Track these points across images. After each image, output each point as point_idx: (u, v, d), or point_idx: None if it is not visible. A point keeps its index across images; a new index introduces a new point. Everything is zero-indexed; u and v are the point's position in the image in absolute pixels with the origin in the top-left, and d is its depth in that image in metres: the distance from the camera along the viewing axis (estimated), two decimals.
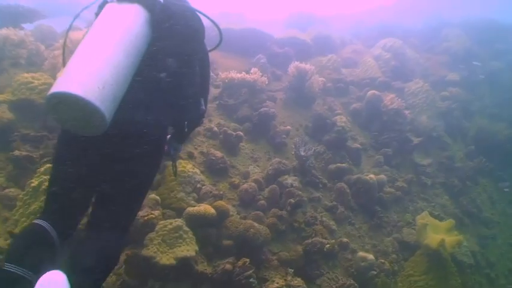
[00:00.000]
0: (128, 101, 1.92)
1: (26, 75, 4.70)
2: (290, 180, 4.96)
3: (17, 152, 4.09)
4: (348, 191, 5.39)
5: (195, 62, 2.35)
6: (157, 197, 4.12)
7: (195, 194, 4.42)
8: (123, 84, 1.89)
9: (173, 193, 4.28)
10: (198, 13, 2.42)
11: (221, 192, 4.59)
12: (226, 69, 6.73)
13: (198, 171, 4.65)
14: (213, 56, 7.33)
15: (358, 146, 6.18)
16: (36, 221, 1.96)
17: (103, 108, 1.72)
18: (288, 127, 5.89)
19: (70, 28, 2.40)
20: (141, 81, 2.02)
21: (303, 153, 5.21)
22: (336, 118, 6.19)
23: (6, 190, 3.90)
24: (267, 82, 6.29)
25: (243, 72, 6.08)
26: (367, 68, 7.93)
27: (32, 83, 4.62)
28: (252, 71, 6.23)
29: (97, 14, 2.14)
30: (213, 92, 6.35)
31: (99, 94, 1.72)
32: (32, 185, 3.65)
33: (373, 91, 6.83)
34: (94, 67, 1.78)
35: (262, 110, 5.69)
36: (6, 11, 6.22)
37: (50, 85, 1.85)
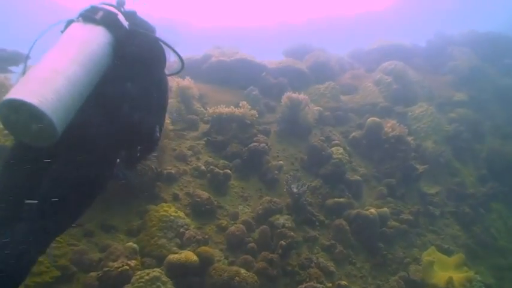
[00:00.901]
0: (82, 116, 2.00)
1: None
2: (282, 219, 4.81)
3: None
4: (347, 227, 5.20)
5: (152, 89, 2.46)
6: (135, 246, 4.01)
7: (177, 240, 4.30)
8: (78, 99, 1.97)
9: (154, 239, 4.18)
10: (160, 42, 2.60)
11: (206, 236, 4.46)
12: (216, 104, 6.71)
13: (182, 214, 4.54)
14: (203, 90, 7.43)
15: (358, 178, 6.01)
16: None
17: (54, 119, 1.80)
18: (280, 162, 5.77)
19: (30, 51, 2.42)
20: (97, 100, 2.11)
21: (295, 190, 5.08)
22: (332, 150, 6.04)
23: None
24: (257, 115, 6.23)
25: (231, 107, 6.02)
26: (367, 93, 7.85)
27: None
28: (240, 105, 6.18)
29: (62, 32, 2.25)
30: (202, 127, 6.31)
31: (52, 104, 1.79)
32: None
33: (373, 118, 6.71)
34: (49, 78, 1.86)
35: (251, 145, 5.60)
36: None
37: None
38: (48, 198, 1.99)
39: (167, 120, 5.40)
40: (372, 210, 5.32)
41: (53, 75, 1.89)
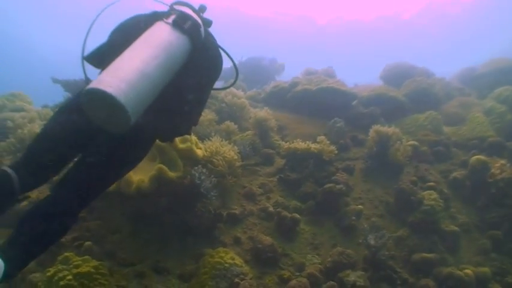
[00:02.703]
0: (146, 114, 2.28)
1: None
2: (354, 276, 4.33)
3: None
4: None
5: (207, 96, 2.91)
6: None
7: None
8: (152, 98, 2.27)
9: None
10: (220, 49, 2.99)
11: None
12: (297, 136, 6.50)
13: (239, 261, 4.33)
14: (285, 121, 7.25)
15: (455, 228, 5.23)
16: (4, 168, 2.25)
17: (132, 114, 2.08)
18: (360, 206, 5.28)
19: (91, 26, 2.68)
20: (164, 99, 2.39)
21: (372, 242, 4.56)
22: (424, 194, 5.38)
23: (32, 275, 4.03)
24: (336, 152, 5.83)
25: (307, 142, 5.73)
26: (475, 125, 6.94)
27: None
28: (318, 139, 5.85)
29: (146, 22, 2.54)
30: (278, 163, 6.10)
31: (134, 106, 2.09)
32: (48, 274, 3.72)
33: (478, 156, 5.88)
34: (135, 77, 2.13)
35: (326, 186, 5.22)
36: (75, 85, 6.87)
37: None
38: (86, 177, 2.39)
39: (235, 156, 5.30)
40: (468, 270, 4.56)
41: (139, 76, 2.15)
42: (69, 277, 3.63)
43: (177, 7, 2.73)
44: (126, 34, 2.50)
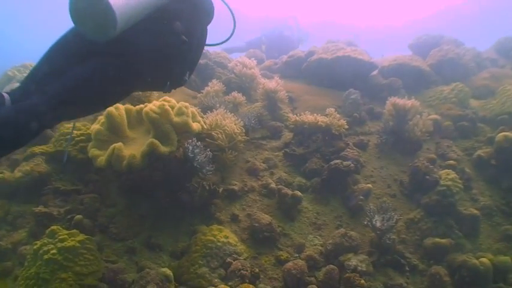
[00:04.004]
0: (132, 35, 2.41)
1: (67, 125, 4.91)
2: (355, 260, 4.14)
3: (36, 209, 4.23)
4: (447, 279, 4.25)
5: (195, 37, 2.91)
6: (169, 272, 3.82)
7: (222, 270, 3.98)
8: (140, 13, 2.36)
9: (194, 267, 3.93)
10: None
11: (257, 271, 4.03)
12: (308, 109, 6.22)
13: (234, 240, 4.21)
14: (297, 92, 6.96)
15: (475, 212, 4.90)
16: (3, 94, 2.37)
17: (119, 20, 2.15)
18: (369, 185, 5.01)
19: None
20: (149, 27, 2.53)
21: (378, 224, 4.33)
22: (441, 173, 5.05)
23: (23, 247, 4.05)
24: (346, 126, 5.54)
25: (315, 115, 5.45)
26: (505, 99, 6.46)
27: (71, 134, 4.81)
28: (327, 112, 5.57)
29: None
30: (286, 137, 5.88)
31: (122, 8, 2.16)
32: (34, 247, 3.70)
33: (506, 133, 5.45)
34: None
35: (332, 163, 4.97)
36: None
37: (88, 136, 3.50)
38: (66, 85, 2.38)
39: (237, 130, 5.10)
40: (485, 259, 4.27)
41: None
42: (54, 251, 3.62)
43: None
44: None
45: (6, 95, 2.37)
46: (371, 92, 7.07)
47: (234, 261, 4.01)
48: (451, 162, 5.51)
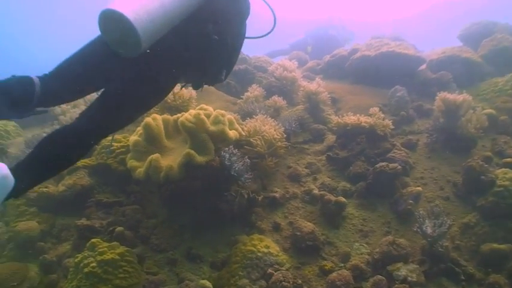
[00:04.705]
0: (163, 41, 2.40)
1: (108, 137, 4.99)
2: (404, 270, 3.91)
3: (79, 222, 4.32)
4: None
5: (230, 35, 2.87)
6: (209, 284, 3.76)
7: (263, 282, 3.87)
8: (166, 27, 2.38)
9: (234, 279, 3.85)
10: None
11: (299, 282, 3.89)
12: (352, 109, 6.04)
13: (275, 250, 4.10)
14: (340, 92, 6.77)
15: None
16: (31, 76, 2.46)
17: (142, 38, 2.19)
18: (418, 188, 4.74)
19: None
20: (180, 31, 2.51)
21: (429, 231, 4.07)
22: (497, 173, 4.70)
23: (67, 260, 4.14)
24: (391, 126, 5.29)
25: (358, 115, 5.25)
26: None
27: (111, 146, 4.88)
28: (371, 112, 5.35)
29: None
30: (329, 140, 5.71)
31: (145, 25, 2.19)
32: (76, 260, 3.77)
33: None
34: (149, 2, 2.25)
35: (378, 166, 4.75)
36: None
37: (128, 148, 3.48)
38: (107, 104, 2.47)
39: (276, 136, 4.99)
40: None
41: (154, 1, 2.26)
42: (93, 264, 3.66)
43: None
44: None
45: (36, 79, 2.46)
46: (419, 88, 6.76)
47: (275, 272, 3.89)
48: (509, 160, 5.11)
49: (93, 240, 3.88)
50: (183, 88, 5.31)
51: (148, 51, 2.35)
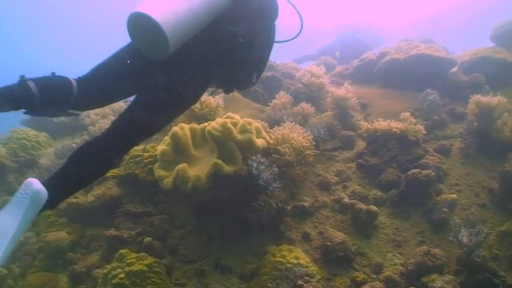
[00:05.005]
0: (192, 43, 2.40)
1: (137, 147, 5.03)
2: (440, 282, 3.77)
3: (108, 232, 4.35)
4: None
5: (259, 37, 2.83)
6: None
7: None
8: (194, 30, 2.38)
9: None
10: None
11: None
12: (382, 114, 5.91)
13: (305, 261, 4.03)
14: (369, 97, 6.66)
15: None
16: (70, 78, 2.50)
17: (171, 41, 2.20)
18: (453, 195, 4.59)
19: None
20: (209, 33, 2.50)
21: (465, 240, 3.92)
22: None
23: (96, 270, 4.17)
24: (424, 131, 5.15)
25: (389, 121, 5.13)
26: None
27: (140, 156, 4.91)
28: (401, 117, 5.22)
29: None
30: (359, 146, 5.60)
31: (173, 28, 2.19)
32: (104, 271, 3.80)
33: None
34: (177, 4, 2.26)
35: (410, 173, 4.62)
36: None
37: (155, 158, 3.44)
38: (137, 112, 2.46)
39: (305, 144, 4.93)
40: None
41: (178, 1, 2.27)
42: (121, 275, 3.68)
43: None
44: None
45: (73, 81, 2.50)
46: (451, 91, 6.58)
47: (305, 283, 3.82)
48: None
49: (121, 251, 3.90)
50: (210, 97, 5.31)
51: (176, 56, 2.36)
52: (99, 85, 2.58)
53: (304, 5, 3.28)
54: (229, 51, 2.65)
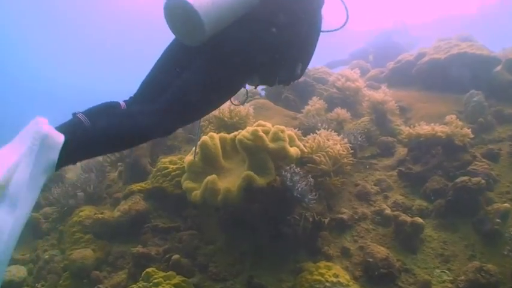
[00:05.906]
0: (231, 28, 2.36)
1: (164, 159, 4.91)
2: None
3: (134, 249, 4.22)
4: None
5: (303, 25, 2.68)
6: None
7: None
8: (232, 15, 2.34)
9: None
10: None
11: None
12: (424, 118, 5.63)
13: (344, 279, 3.77)
14: (409, 100, 6.38)
15: None
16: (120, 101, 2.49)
17: (206, 23, 2.17)
18: (506, 205, 4.25)
19: None
20: (248, 21, 2.42)
21: None
22: None
23: None
24: (471, 135, 4.83)
25: (433, 125, 4.84)
26: None
27: (167, 168, 4.78)
28: (447, 120, 4.92)
29: None
30: (399, 153, 5.33)
31: (208, 11, 2.17)
32: None
33: None
34: None
35: (458, 180, 4.32)
36: None
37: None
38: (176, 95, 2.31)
39: (342, 151, 4.69)
40: None
41: None
42: None
43: None
44: None
45: (123, 103, 2.48)
46: (497, 91, 6.23)
47: None
48: None
49: (148, 269, 3.76)
50: (240, 105, 5.15)
51: (214, 45, 2.33)
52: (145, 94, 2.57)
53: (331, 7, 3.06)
54: (268, 41, 2.52)
